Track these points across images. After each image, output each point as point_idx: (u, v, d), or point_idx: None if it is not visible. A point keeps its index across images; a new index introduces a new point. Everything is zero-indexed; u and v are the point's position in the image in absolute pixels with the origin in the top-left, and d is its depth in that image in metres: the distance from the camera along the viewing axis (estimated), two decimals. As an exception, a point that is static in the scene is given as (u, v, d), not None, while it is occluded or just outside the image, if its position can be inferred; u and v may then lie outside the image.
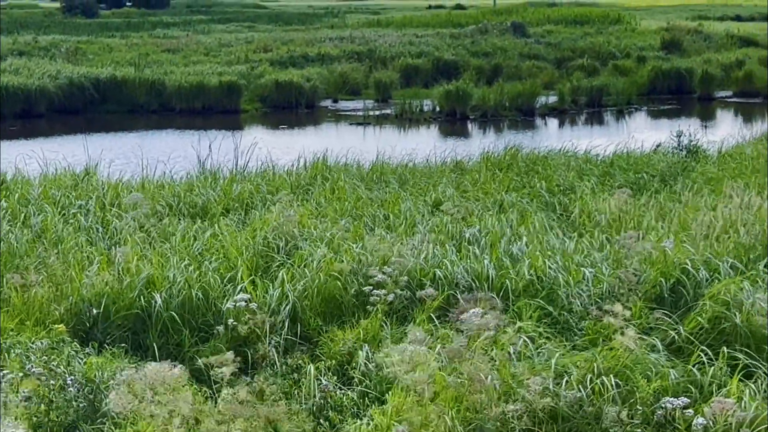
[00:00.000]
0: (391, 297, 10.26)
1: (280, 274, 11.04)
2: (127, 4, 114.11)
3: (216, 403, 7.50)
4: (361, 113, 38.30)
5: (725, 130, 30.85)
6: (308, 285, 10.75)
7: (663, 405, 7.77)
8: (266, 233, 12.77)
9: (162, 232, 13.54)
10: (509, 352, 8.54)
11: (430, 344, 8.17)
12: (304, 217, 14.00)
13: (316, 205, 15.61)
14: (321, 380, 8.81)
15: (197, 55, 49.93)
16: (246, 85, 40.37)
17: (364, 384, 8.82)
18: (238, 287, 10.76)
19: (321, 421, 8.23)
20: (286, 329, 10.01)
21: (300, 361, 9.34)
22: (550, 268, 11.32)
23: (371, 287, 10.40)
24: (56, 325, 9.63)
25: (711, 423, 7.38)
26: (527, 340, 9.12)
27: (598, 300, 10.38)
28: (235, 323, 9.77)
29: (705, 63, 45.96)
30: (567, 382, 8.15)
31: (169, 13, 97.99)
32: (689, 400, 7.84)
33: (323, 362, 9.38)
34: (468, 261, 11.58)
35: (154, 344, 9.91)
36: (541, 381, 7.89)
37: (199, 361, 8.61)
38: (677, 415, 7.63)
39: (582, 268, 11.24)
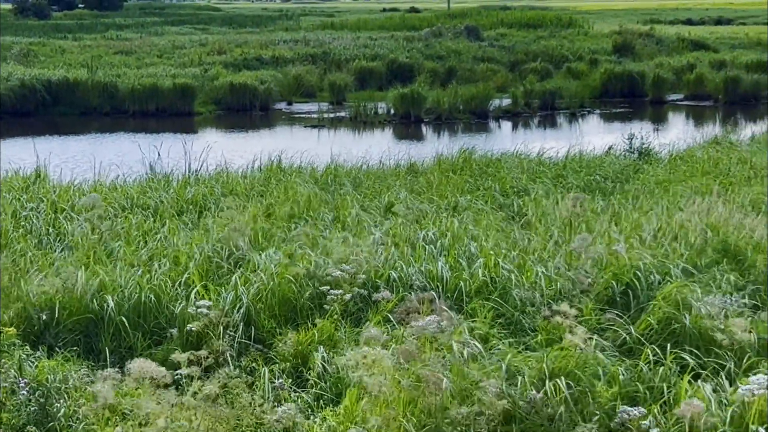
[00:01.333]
0: (348, 296, 10.27)
1: (234, 277, 11.01)
2: (80, 5, 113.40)
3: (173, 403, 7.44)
4: (315, 116, 38.29)
5: (676, 133, 31.11)
6: (262, 288, 10.73)
7: (620, 414, 7.81)
8: (219, 236, 12.73)
9: (114, 234, 13.46)
10: (462, 354, 8.56)
11: (384, 344, 8.17)
12: (258, 219, 13.97)
13: (270, 207, 15.57)
14: (275, 382, 8.79)
15: (150, 57, 49.70)
16: (200, 88, 40.18)
17: (319, 386, 8.81)
18: (191, 290, 10.72)
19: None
20: (240, 332, 9.98)
21: (254, 364, 9.32)
22: (503, 269, 11.37)
23: (328, 287, 10.40)
24: (6, 328, 9.54)
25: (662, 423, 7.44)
26: (478, 341, 9.14)
27: (551, 301, 10.43)
28: (191, 327, 9.72)
29: (657, 66, 46.32)
30: (520, 383, 8.17)
31: (122, 15, 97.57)
32: (645, 411, 7.89)
33: (277, 364, 9.36)
34: (422, 262, 11.61)
35: (107, 348, 9.85)
36: (495, 383, 7.91)
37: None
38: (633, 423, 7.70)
39: (535, 269, 11.30)
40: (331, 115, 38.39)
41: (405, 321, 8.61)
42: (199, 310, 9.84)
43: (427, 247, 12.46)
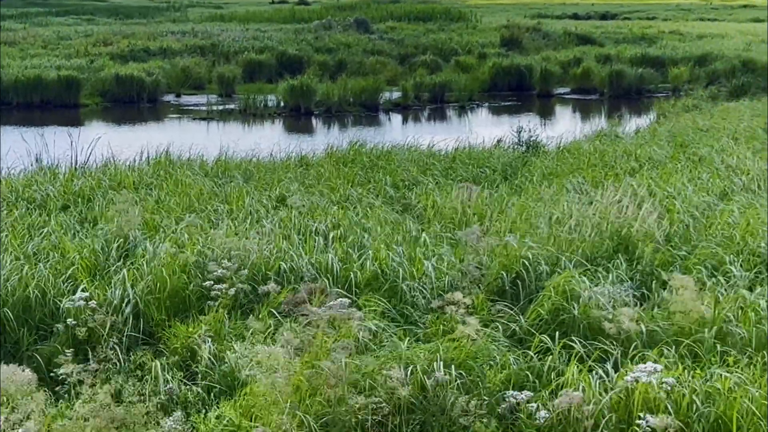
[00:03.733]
0: (232, 291, 10.21)
1: (122, 271, 10.85)
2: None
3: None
4: (204, 108, 37.92)
5: (563, 126, 31.55)
6: (151, 281, 10.60)
7: (507, 398, 7.93)
8: (107, 230, 12.54)
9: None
10: (354, 345, 8.57)
11: (272, 337, 8.15)
12: (147, 212, 13.80)
13: (159, 200, 15.39)
14: (166, 377, 8.69)
15: (35, 49, 48.69)
16: (86, 80, 39.46)
17: (208, 378, 8.73)
18: (78, 285, 10.54)
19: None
20: (129, 326, 9.85)
21: (143, 359, 9.20)
22: (394, 261, 11.40)
23: (212, 282, 10.33)
24: None
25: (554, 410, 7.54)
26: (370, 332, 9.16)
27: (442, 292, 10.50)
28: (74, 322, 9.55)
29: (544, 60, 46.85)
30: (412, 373, 8.20)
31: (5, 5, 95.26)
32: (532, 393, 8.01)
33: (167, 358, 9.26)
34: (313, 254, 11.59)
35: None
36: (388, 373, 7.93)
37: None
38: (521, 407, 7.81)
39: (426, 261, 11.36)
40: (220, 108, 38.05)
41: (295, 312, 8.59)
42: (80, 303, 9.70)
43: (317, 238, 12.45)
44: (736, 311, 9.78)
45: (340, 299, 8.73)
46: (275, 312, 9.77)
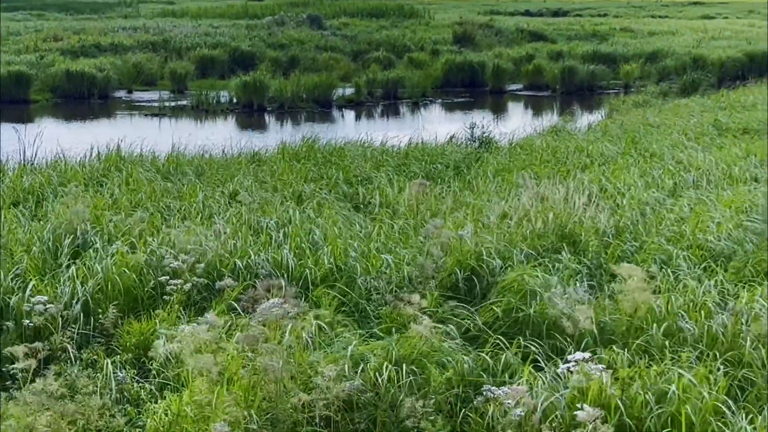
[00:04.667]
0: (188, 286, 10.17)
1: (71, 268, 10.77)
2: None
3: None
4: (156, 104, 37.67)
5: (516, 122, 31.68)
6: (103, 278, 10.53)
7: (484, 392, 7.88)
8: (57, 227, 12.43)
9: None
10: (306, 340, 8.57)
11: (228, 334, 8.12)
12: (97, 209, 13.70)
13: (110, 196, 15.29)
14: (118, 373, 8.64)
15: (-17, 44, 48.20)
16: (36, 75, 39.10)
17: (162, 375, 8.69)
18: (27, 283, 10.44)
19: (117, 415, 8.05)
20: (80, 324, 9.77)
21: (95, 356, 9.14)
22: (348, 256, 11.41)
23: (167, 276, 10.28)
24: None
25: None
26: (324, 327, 9.16)
27: (396, 288, 10.52)
28: (30, 322, 9.47)
29: (496, 57, 46.99)
30: (363, 370, 8.21)
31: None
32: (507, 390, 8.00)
33: (120, 355, 9.21)
34: (267, 250, 11.57)
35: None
36: (337, 369, 7.93)
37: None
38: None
39: (381, 256, 11.38)
40: (172, 104, 37.82)
41: (251, 309, 8.57)
42: (32, 303, 9.62)
43: (272, 235, 12.43)
44: (686, 306, 9.87)
45: (274, 300, 8.67)
46: (234, 306, 9.75)
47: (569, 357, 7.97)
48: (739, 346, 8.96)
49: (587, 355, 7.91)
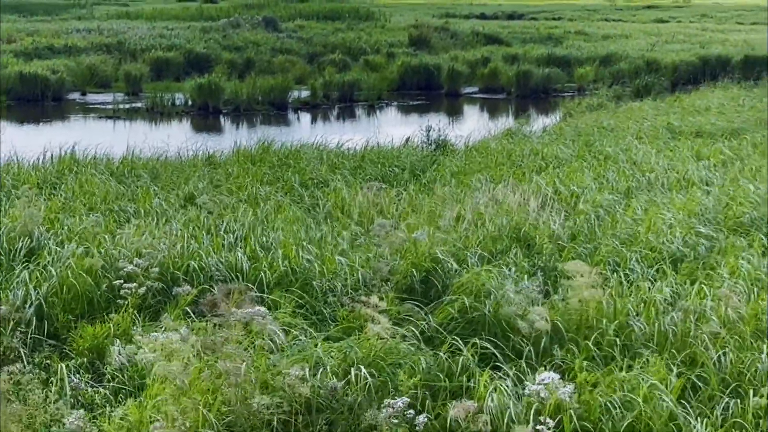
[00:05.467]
0: (142, 290, 10.12)
1: (23, 272, 10.69)
2: None
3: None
4: (110, 106, 37.44)
5: (472, 125, 31.77)
6: (57, 282, 10.45)
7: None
8: (11, 230, 12.33)
9: None
10: (264, 344, 8.55)
11: (185, 336, 8.08)
12: (52, 212, 13.60)
13: (64, 199, 15.18)
14: (72, 378, 8.58)
15: (-65, 45, 47.68)
16: (-12, 77, 38.76)
17: (117, 380, 8.64)
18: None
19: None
20: (33, 328, 9.69)
21: (48, 360, 9.07)
22: (304, 259, 11.41)
23: (122, 280, 10.22)
24: None
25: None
26: (280, 331, 9.15)
27: (352, 291, 10.53)
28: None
29: (452, 60, 47.08)
30: (322, 372, 8.20)
31: None
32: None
33: (74, 360, 9.14)
34: (222, 253, 11.54)
35: None
36: (295, 372, 7.92)
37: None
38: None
39: (336, 258, 11.39)
40: (127, 106, 37.62)
41: (211, 312, 8.53)
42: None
43: (226, 238, 12.40)
44: (637, 306, 9.98)
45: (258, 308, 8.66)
46: (190, 311, 9.72)
47: (539, 377, 7.96)
48: (689, 345, 9.07)
49: (556, 376, 7.90)
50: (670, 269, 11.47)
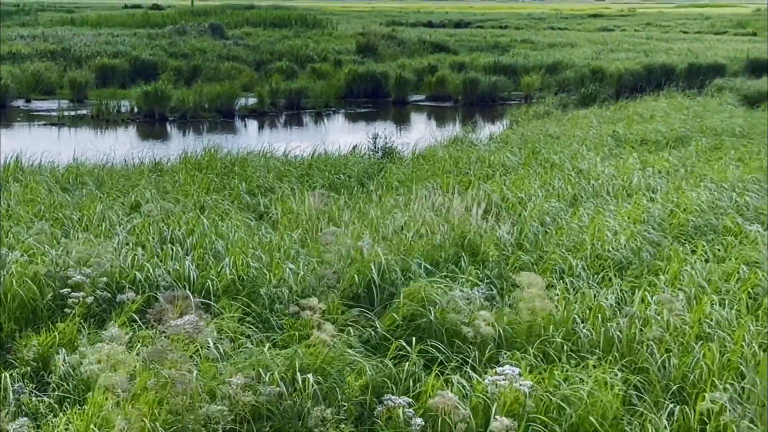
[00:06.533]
0: (90, 299, 10.04)
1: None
2: None
3: None
4: (55, 113, 37.10)
5: (419, 133, 31.84)
6: (1, 290, 10.34)
7: (385, 402, 7.94)
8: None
9: None
10: (210, 352, 8.52)
11: (130, 345, 8.05)
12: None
13: (8, 207, 15.03)
14: (15, 386, 8.49)
15: None
16: (-70, 84, 38.29)
17: (62, 388, 8.56)
18: None
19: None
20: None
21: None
22: (251, 267, 11.38)
23: (69, 289, 10.14)
24: None
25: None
26: (227, 339, 9.13)
27: (299, 298, 10.52)
28: None
29: (399, 67, 47.17)
30: (268, 379, 8.19)
31: None
32: (411, 400, 8.07)
33: (17, 369, 9.05)
34: (169, 262, 11.48)
35: None
36: (241, 379, 7.90)
37: None
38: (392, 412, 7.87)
39: (283, 265, 11.38)
40: (72, 113, 37.29)
41: (159, 321, 8.49)
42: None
43: (173, 246, 12.33)
44: (583, 312, 10.08)
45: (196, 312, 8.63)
46: (135, 318, 9.67)
47: (498, 369, 8.04)
48: (635, 351, 9.17)
49: (516, 369, 8.00)
50: (616, 277, 11.57)
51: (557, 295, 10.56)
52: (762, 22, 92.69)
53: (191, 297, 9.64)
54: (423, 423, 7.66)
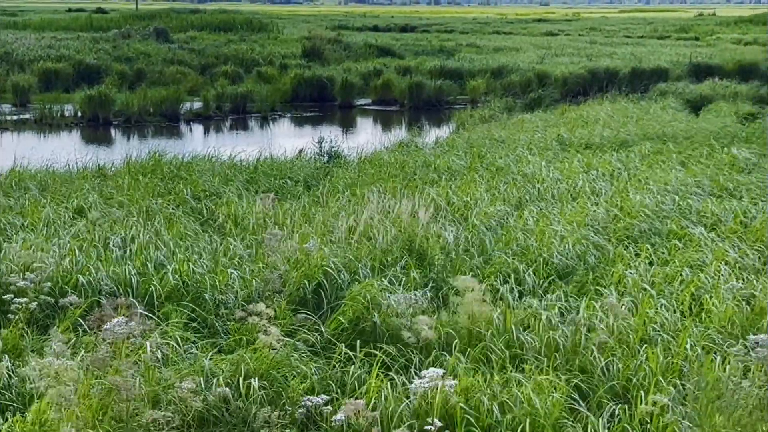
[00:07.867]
0: (33, 305, 9.94)
1: None
2: None
3: None
4: (-3, 118, 36.73)
5: (365, 137, 31.85)
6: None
7: (304, 403, 7.99)
8: None
9: None
10: (155, 357, 8.47)
11: (72, 352, 7.97)
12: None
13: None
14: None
15: None
16: None
17: (5, 396, 8.46)
18: None
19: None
20: None
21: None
22: (196, 272, 11.32)
23: (12, 295, 10.03)
24: None
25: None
26: (174, 344, 9.08)
27: (244, 303, 10.49)
28: None
29: (345, 71, 47.17)
30: (214, 385, 8.16)
31: None
32: (328, 398, 8.10)
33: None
34: (111, 267, 11.39)
35: None
36: (186, 385, 7.87)
37: None
38: (319, 412, 7.88)
39: (228, 270, 11.34)
40: (15, 118, 36.92)
41: (99, 327, 8.43)
42: None
43: (116, 251, 12.25)
44: (527, 319, 10.12)
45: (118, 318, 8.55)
46: (78, 323, 9.58)
47: (424, 373, 8.06)
48: (579, 355, 9.23)
49: (440, 371, 8.03)
50: (560, 282, 11.64)
51: (500, 300, 10.62)
52: (703, 27, 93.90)
53: (131, 302, 9.57)
54: (343, 418, 7.66)
